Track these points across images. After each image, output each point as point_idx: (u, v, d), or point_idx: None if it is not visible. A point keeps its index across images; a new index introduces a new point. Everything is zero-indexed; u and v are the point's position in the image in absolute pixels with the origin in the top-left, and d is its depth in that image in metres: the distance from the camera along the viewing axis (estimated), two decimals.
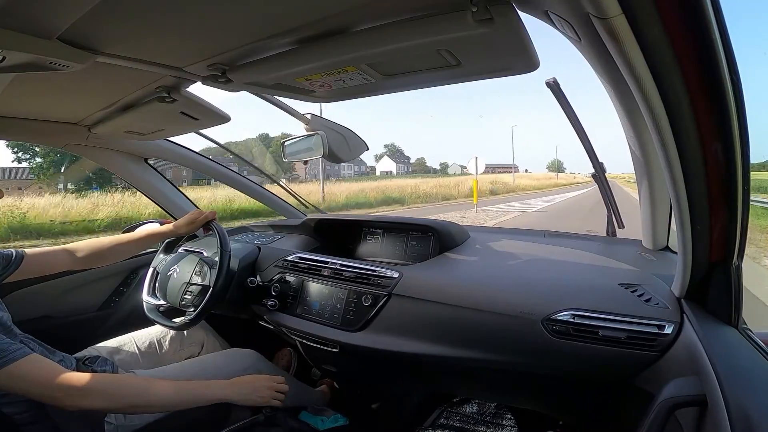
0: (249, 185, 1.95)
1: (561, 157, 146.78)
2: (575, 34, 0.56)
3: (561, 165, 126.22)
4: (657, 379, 0.80)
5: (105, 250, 1.22)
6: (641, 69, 0.48)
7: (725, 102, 0.48)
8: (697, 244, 0.69)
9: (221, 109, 1.17)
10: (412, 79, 0.84)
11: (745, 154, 0.54)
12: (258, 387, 1.05)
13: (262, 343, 1.56)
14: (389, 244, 1.52)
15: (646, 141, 0.91)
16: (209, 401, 0.98)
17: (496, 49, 0.65)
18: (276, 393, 1.08)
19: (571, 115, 0.96)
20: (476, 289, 1.05)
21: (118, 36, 0.73)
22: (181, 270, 1.37)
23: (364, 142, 1.34)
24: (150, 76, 0.94)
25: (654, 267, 1.12)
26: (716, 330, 0.72)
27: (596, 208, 8.37)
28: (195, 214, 1.34)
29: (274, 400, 1.07)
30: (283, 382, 1.12)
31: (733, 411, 0.51)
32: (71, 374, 0.83)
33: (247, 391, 1.03)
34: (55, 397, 0.81)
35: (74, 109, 1.22)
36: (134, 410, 0.93)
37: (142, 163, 1.72)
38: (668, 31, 0.43)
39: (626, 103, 0.78)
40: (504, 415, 1.37)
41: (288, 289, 1.32)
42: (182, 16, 0.65)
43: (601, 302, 0.92)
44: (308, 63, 0.78)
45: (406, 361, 1.15)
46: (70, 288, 1.55)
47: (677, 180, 0.60)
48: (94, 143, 1.50)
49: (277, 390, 1.09)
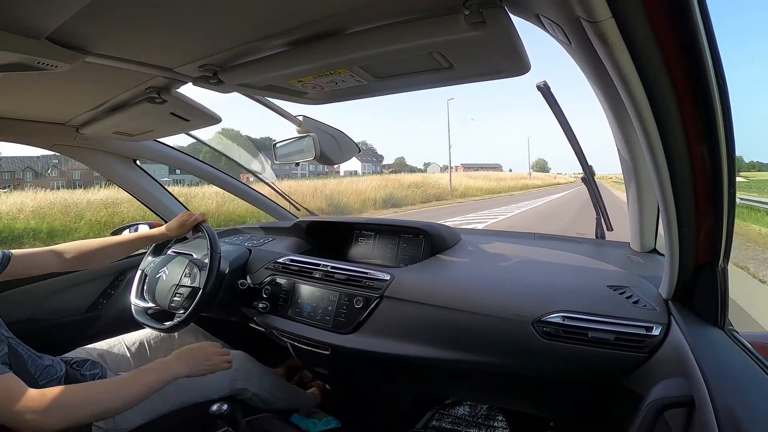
0: (239, 186, 1.94)
1: (548, 158, 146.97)
2: (566, 38, 0.57)
3: (546, 165, 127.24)
4: (645, 380, 0.81)
5: (93, 251, 1.20)
6: (629, 72, 0.49)
7: (711, 105, 0.49)
8: (683, 246, 0.70)
9: (212, 110, 1.16)
10: (405, 82, 0.85)
11: (730, 157, 0.55)
12: (201, 358, 1.04)
13: (255, 345, 1.55)
14: (381, 246, 1.52)
15: (634, 144, 0.92)
16: (165, 383, 0.95)
17: (488, 52, 0.65)
18: (221, 357, 1.08)
19: (561, 118, 0.97)
20: (467, 291, 1.05)
21: (108, 36, 0.72)
22: (170, 272, 1.35)
23: (356, 144, 1.34)
24: (140, 77, 0.93)
25: (642, 269, 1.13)
26: (703, 331, 0.73)
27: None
28: (184, 216, 1.32)
29: (223, 364, 1.08)
30: (226, 352, 1.11)
31: (720, 412, 0.52)
32: (29, 396, 0.77)
33: (192, 363, 1.02)
34: (17, 420, 0.76)
35: (62, 109, 1.20)
36: (97, 418, 0.88)
37: (131, 165, 1.70)
38: (656, 35, 0.44)
39: (615, 107, 0.79)
40: (495, 417, 1.37)
41: (279, 292, 1.31)
42: (173, 16, 0.65)
43: (591, 304, 0.93)
44: (300, 65, 0.78)
45: (398, 363, 1.15)
46: (56, 290, 1.53)
47: (664, 183, 0.61)
48: (82, 144, 1.48)
49: (223, 353, 1.09)
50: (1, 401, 0.75)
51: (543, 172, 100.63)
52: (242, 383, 1.27)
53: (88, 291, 1.63)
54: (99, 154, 1.59)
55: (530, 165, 67.15)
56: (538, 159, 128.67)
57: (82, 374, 1.03)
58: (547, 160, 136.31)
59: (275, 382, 1.40)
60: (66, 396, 0.81)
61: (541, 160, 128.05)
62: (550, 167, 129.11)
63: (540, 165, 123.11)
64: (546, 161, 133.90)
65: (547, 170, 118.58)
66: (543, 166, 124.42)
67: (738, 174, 3.61)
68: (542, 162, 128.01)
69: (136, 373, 0.94)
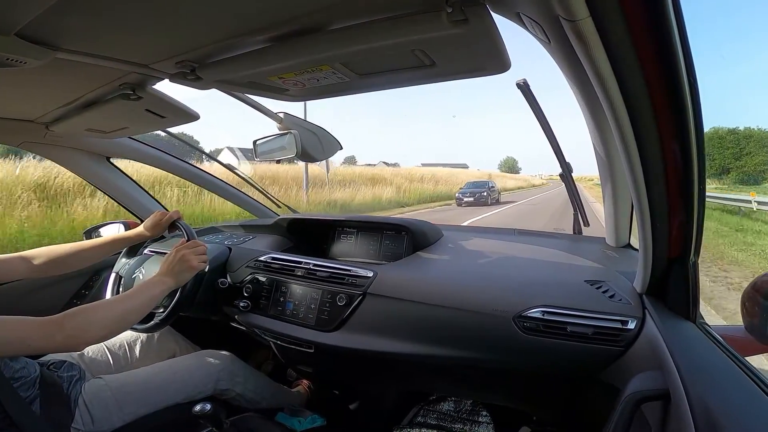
0: (219, 184, 1.90)
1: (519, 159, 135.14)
2: (545, 36, 0.58)
3: (515, 164, 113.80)
4: (622, 373, 0.83)
5: (65, 257, 1.15)
6: (605, 70, 0.50)
7: (683, 104, 0.51)
8: (657, 241, 0.72)
9: (190, 107, 1.14)
10: (387, 79, 0.84)
11: (700, 155, 0.57)
12: (176, 264, 1.07)
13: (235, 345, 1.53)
14: (363, 243, 1.52)
15: (609, 142, 0.95)
16: (162, 294, 1.03)
17: (469, 49, 0.66)
18: (199, 256, 1.11)
19: (540, 116, 0.99)
20: (450, 287, 1.07)
21: (80, 31, 0.69)
22: (147, 272, 1.32)
23: (338, 142, 1.33)
24: (113, 73, 0.89)
25: (617, 264, 1.16)
26: (676, 325, 0.76)
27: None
28: (158, 215, 1.28)
29: (200, 264, 1.11)
30: (199, 244, 1.14)
31: (694, 405, 0.54)
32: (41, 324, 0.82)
33: (179, 269, 1.06)
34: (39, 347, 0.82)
35: (31, 106, 1.15)
36: (113, 334, 0.96)
37: (104, 162, 1.65)
38: (631, 35, 0.45)
39: (591, 105, 0.81)
40: (480, 412, 1.39)
41: (261, 290, 1.30)
42: (149, 11, 0.63)
43: (569, 298, 0.95)
44: (281, 61, 0.77)
45: (382, 360, 1.16)
46: (28, 291, 1.47)
47: (638, 179, 0.63)
48: (52, 141, 1.42)
49: (197, 253, 1.11)
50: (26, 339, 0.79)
51: (512, 173, 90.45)
52: (226, 383, 1.25)
53: (62, 292, 1.58)
54: (70, 151, 1.54)
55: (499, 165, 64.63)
56: (507, 158, 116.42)
57: (59, 376, 1.00)
58: (517, 159, 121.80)
59: (260, 381, 1.39)
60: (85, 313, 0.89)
61: (510, 159, 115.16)
62: (520, 167, 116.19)
63: (509, 164, 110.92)
64: (516, 160, 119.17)
65: (516, 170, 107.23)
66: (512, 165, 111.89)
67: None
68: (511, 161, 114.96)
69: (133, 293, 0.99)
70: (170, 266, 1.06)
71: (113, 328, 0.93)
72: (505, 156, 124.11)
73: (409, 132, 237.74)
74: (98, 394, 1.02)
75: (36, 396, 0.91)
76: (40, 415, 0.89)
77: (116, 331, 0.96)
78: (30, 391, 0.90)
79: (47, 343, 0.82)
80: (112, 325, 0.91)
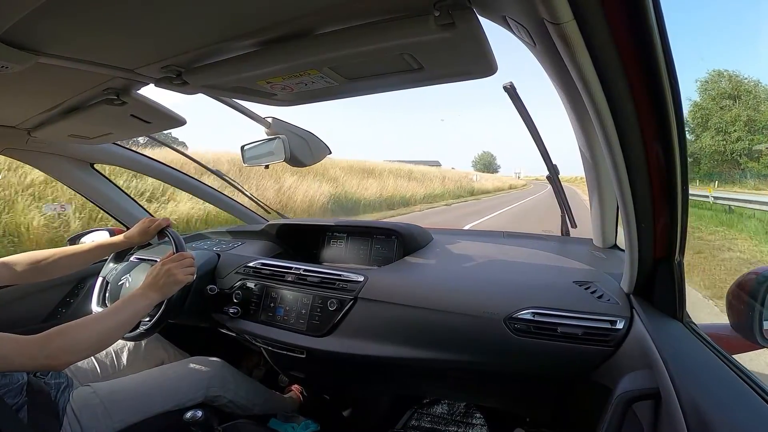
0: (206, 190, 1.88)
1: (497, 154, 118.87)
2: (531, 39, 0.59)
3: (493, 163, 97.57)
4: (613, 373, 0.84)
5: (48, 263, 1.12)
6: (589, 73, 0.51)
7: (665, 106, 0.52)
8: (642, 241, 0.74)
9: (176, 112, 1.12)
10: (375, 83, 0.85)
11: (683, 156, 0.58)
12: (162, 277, 1.03)
13: (226, 351, 1.51)
14: (353, 248, 1.51)
15: (594, 144, 0.96)
16: (147, 309, 1.00)
17: (457, 53, 0.66)
18: (186, 269, 1.07)
19: (526, 119, 1.00)
20: (440, 290, 1.07)
21: (63, 36, 0.68)
22: (134, 279, 1.30)
23: (326, 146, 1.33)
24: (97, 78, 0.88)
25: (604, 264, 1.18)
26: (663, 324, 0.77)
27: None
28: (147, 222, 1.25)
29: (187, 276, 1.07)
30: (186, 256, 1.10)
31: (684, 403, 0.54)
32: (25, 343, 0.79)
33: (164, 282, 1.03)
34: (20, 365, 0.80)
35: (13, 112, 1.12)
36: (97, 351, 0.94)
37: (88, 169, 1.61)
38: (614, 37, 0.46)
39: (576, 107, 0.82)
40: (473, 414, 1.40)
41: (250, 296, 1.29)
42: (134, 15, 0.62)
43: (558, 300, 0.96)
44: (269, 66, 0.76)
45: (374, 364, 1.15)
46: (11, 299, 1.44)
47: (622, 180, 0.64)
48: (34, 148, 1.39)
49: (184, 266, 1.07)
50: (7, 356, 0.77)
51: (489, 172, 77.78)
52: (217, 389, 1.23)
53: (47, 300, 1.54)
54: (54, 158, 1.51)
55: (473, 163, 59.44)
56: (484, 153, 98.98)
57: (46, 383, 0.98)
58: (494, 155, 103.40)
59: (252, 387, 1.37)
60: (68, 333, 0.85)
61: (486, 154, 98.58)
62: (498, 165, 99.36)
63: (485, 161, 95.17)
64: (493, 156, 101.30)
65: (494, 169, 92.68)
66: (489, 162, 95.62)
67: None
68: (488, 157, 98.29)
69: (116, 308, 0.96)
70: (156, 279, 1.03)
71: (96, 347, 0.91)
72: (481, 151, 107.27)
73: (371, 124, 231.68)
74: (87, 402, 1.00)
75: (24, 403, 0.88)
76: (28, 423, 0.86)
77: (99, 349, 0.94)
78: (17, 398, 0.87)
79: (29, 362, 0.80)
80: (95, 344, 0.89)
